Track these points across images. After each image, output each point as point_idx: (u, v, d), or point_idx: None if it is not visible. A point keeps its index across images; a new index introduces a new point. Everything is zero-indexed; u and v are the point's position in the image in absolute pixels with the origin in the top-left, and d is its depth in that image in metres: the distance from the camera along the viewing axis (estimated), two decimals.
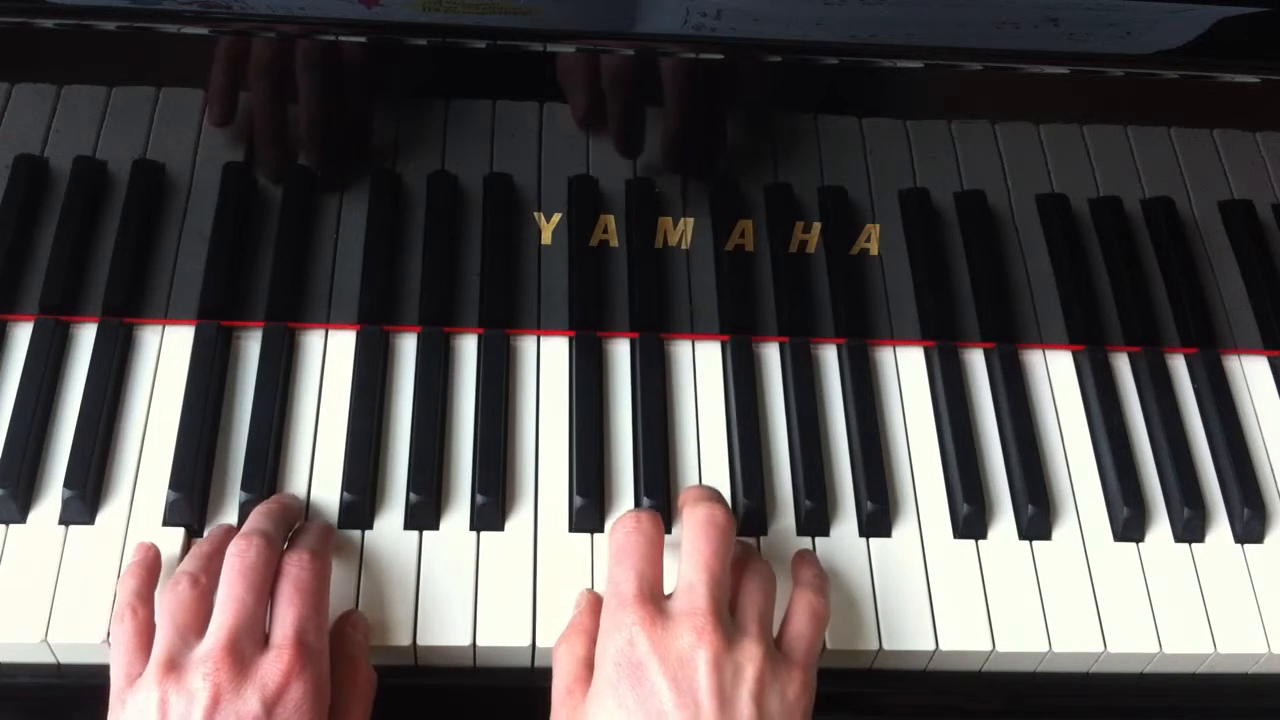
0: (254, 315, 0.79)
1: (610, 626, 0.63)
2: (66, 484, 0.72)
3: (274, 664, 0.62)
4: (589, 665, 0.65)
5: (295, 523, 0.72)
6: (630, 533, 0.66)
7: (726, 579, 0.65)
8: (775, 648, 0.64)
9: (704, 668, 0.61)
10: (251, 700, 0.61)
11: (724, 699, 0.60)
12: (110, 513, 0.73)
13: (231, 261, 0.77)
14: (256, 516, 0.69)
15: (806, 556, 0.73)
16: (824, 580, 0.70)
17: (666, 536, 0.70)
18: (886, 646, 0.72)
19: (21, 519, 0.73)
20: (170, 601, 0.65)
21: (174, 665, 0.62)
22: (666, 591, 0.66)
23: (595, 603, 0.69)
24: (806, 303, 0.80)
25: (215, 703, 0.60)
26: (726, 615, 0.63)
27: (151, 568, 0.68)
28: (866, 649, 0.72)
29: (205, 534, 0.72)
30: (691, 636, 0.61)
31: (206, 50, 0.67)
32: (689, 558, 0.65)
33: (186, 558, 0.69)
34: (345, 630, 0.69)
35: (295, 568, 0.66)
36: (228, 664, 0.61)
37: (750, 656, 0.62)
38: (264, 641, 0.64)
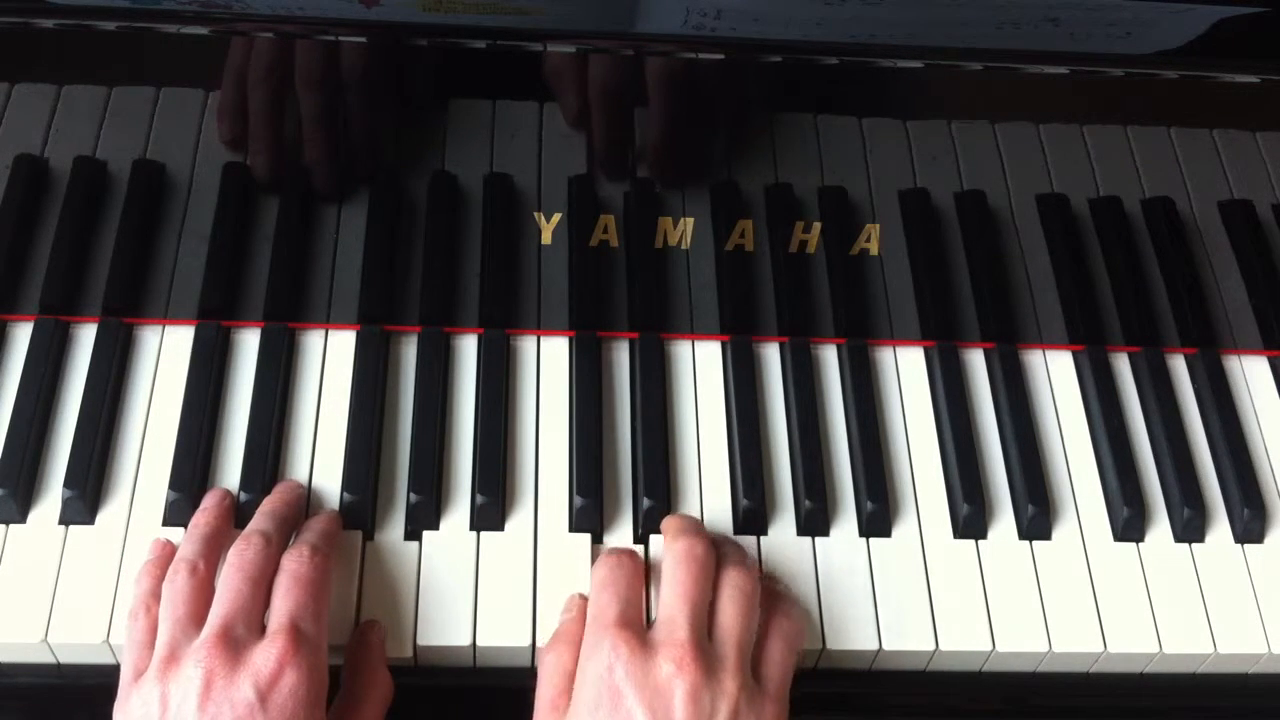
0: (254, 315, 0.79)
1: (592, 648, 0.64)
2: (66, 484, 0.72)
3: (267, 651, 0.62)
4: (575, 678, 0.65)
5: (298, 515, 0.72)
6: (613, 567, 0.67)
7: (705, 608, 0.66)
8: (752, 678, 0.65)
9: (681, 699, 0.61)
10: (245, 687, 0.61)
11: None
12: (110, 513, 0.73)
13: (231, 261, 0.77)
14: (258, 518, 0.70)
15: (770, 576, 0.73)
16: (793, 600, 0.71)
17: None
18: (886, 646, 0.72)
19: (21, 519, 0.73)
20: (170, 594, 0.65)
21: (174, 659, 0.62)
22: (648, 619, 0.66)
23: (584, 608, 0.69)
24: (806, 303, 0.80)
25: (208, 688, 0.60)
26: (706, 644, 0.64)
27: (166, 566, 0.68)
28: (866, 649, 0.72)
29: (202, 502, 0.72)
30: (670, 667, 0.62)
31: (206, 50, 0.67)
32: (669, 588, 0.66)
33: (184, 539, 0.69)
34: (370, 639, 0.69)
35: (295, 562, 0.66)
36: (220, 651, 0.61)
37: (726, 691, 0.62)
38: (261, 631, 0.64)
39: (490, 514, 0.74)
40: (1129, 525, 0.77)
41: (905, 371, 0.83)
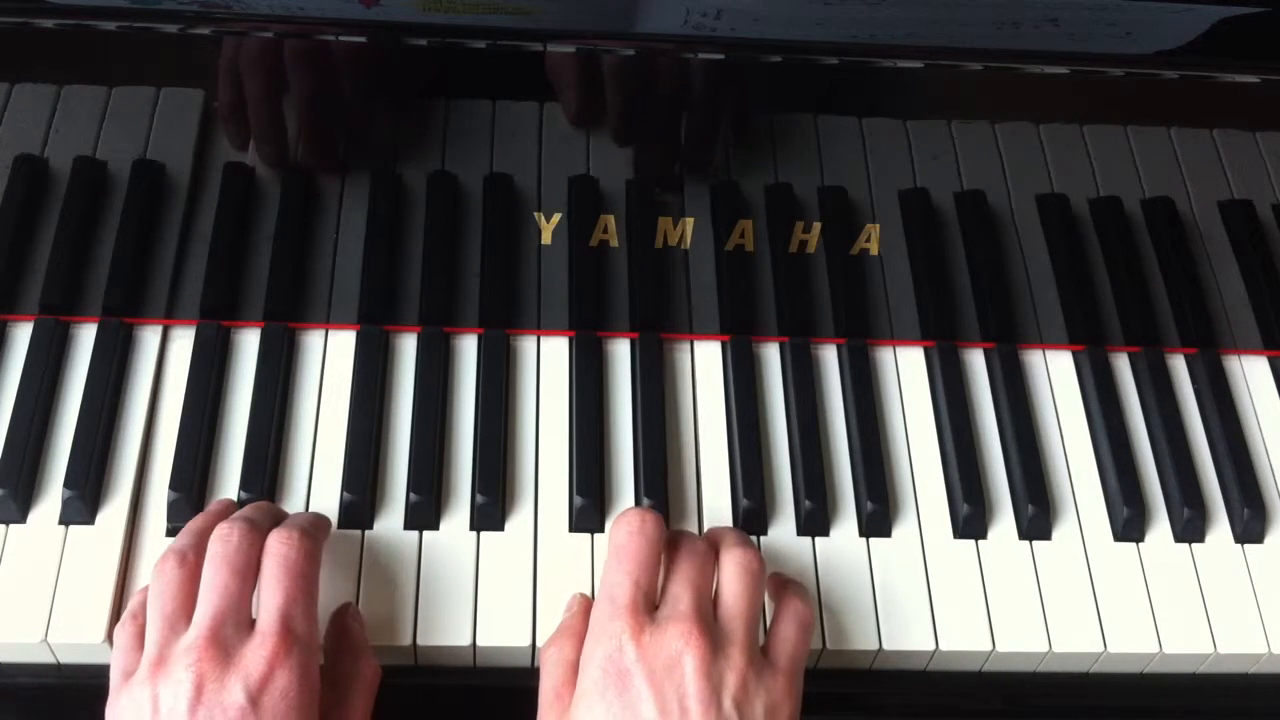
0: (254, 315, 0.79)
1: (599, 631, 0.63)
2: (66, 484, 0.72)
3: (258, 652, 0.61)
4: (578, 669, 0.65)
5: (281, 517, 0.71)
6: (633, 534, 0.66)
7: (709, 589, 0.66)
8: (761, 653, 0.65)
9: (690, 673, 0.61)
10: (236, 690, 0.60)
11: (710, 704, 0.61)
12: (110, 513, 0.73)
13: (232, 261, 0.77)
14: (243, 510, 0.69)
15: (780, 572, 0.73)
16: (802, 586, 0.71)
17: None
18: (886, 646, 0.72)
19: (21, 519, 0.73)
20: (158, 586, 0.64)
21: (162, 660, 0.61)
22: None
23: (587, 607, 0.69)
24: (806, 303, 0.80)
25: (199, 692, 0.60)
26: (711, 621, 0.64)
27: None
28: (866, 649, 0.72)
29: (206, 508, 0.72)
30: (679, 643, 0.62)
31: (207, 50, 0.67)
32: (671, 573, 0.66)
33: (180, 533, 0.68)
34: (346, 624, 0.68)
35: (284, 546, 0.65)
36: (210, 653, 0.60)
37: (734, 664, 0.62)
38: (250, 627, 0.63)
39: (490, 514, 0.74)
40: (1129, 525, 0.77)
41: (905, 371, 0.83)
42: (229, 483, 0.75)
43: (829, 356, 0.83)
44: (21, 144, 0.72)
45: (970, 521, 0.76)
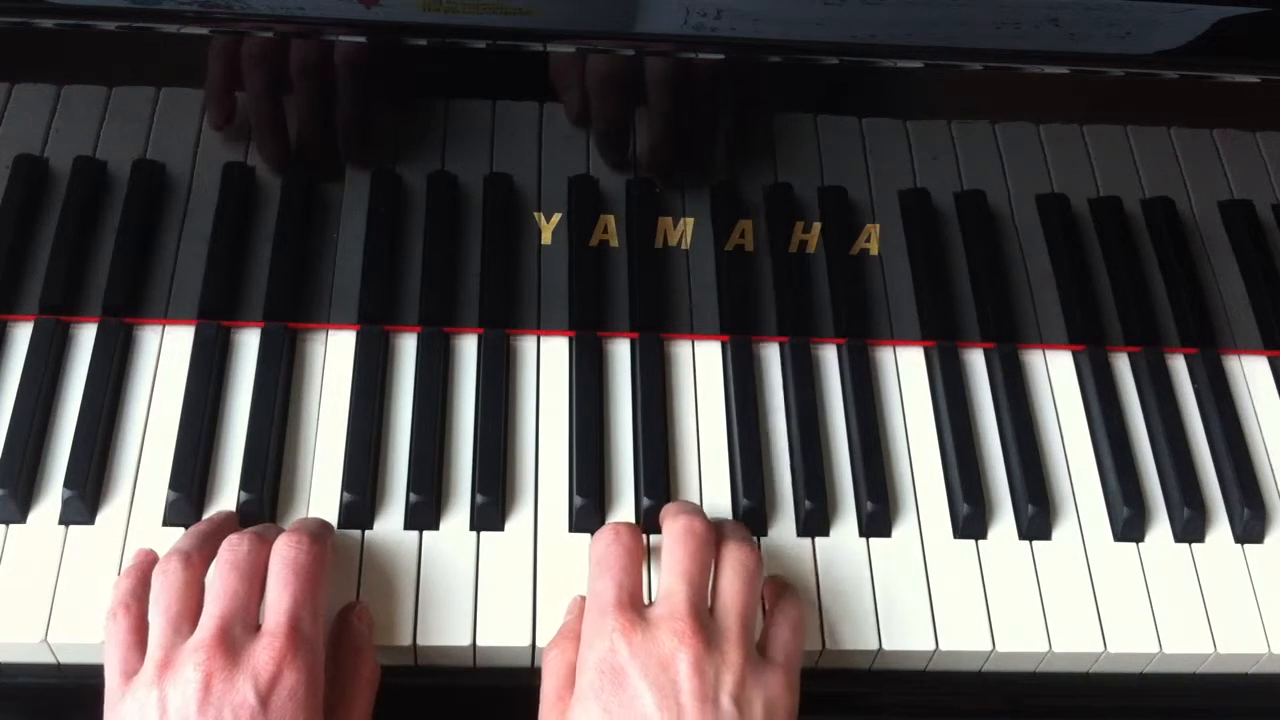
0: (254, 315, 0.79)
1: (592, 634, 0.64)
2: (66, 484, 0.72)
3: (266, 651, 0.61)
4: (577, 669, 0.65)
5: None
6: (609, 545, 0.67)
7: (705, 584, 0.66)
8: (757, 650, 0.65)
9: (685, 670, 0.61)
10: (245, 689, 0.60)
11: (706, 700, 0.60)
12: (110, 513, 0.73)
13: (232, 261, 0.77)
14: (252, 527, 0.69)
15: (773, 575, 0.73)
16: (796, 590, 0.71)
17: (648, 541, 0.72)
18: (886, 646, 0.72)
19: (21, 519, 0.73)
20: (162, 587, 0.64)
21: (169, 661, 0.61)
22: (647, 601, 0.66)
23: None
24: (806, 303, 0.80)
25: (207, 691, 0.60)
26: (707, 618, 0.64)
27: (147, 570, 0.67)
28: (866, 649, 0.72)
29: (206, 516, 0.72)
30: (673, 641, 0.62)
31: (207, 50, 0.67)
32: (668, 567, 0.66)
33: (182, 536, 0.68)
34: (350, 621, 0.68)
35: (292, 549, 0.65)
36: (219, 653, 0.61)
37: (730, 662, 0.62)
38: (256, 631, 0.63)
39: (490, 514, 0.74)
40: (1129, 525, 0.77)
41: (905, 371, 0.83)
42: (229, 483, 0.75)
43: (829, 356, 0.83)
44: (21, 144, 0.72)
45: (970, 521, 0.76)
